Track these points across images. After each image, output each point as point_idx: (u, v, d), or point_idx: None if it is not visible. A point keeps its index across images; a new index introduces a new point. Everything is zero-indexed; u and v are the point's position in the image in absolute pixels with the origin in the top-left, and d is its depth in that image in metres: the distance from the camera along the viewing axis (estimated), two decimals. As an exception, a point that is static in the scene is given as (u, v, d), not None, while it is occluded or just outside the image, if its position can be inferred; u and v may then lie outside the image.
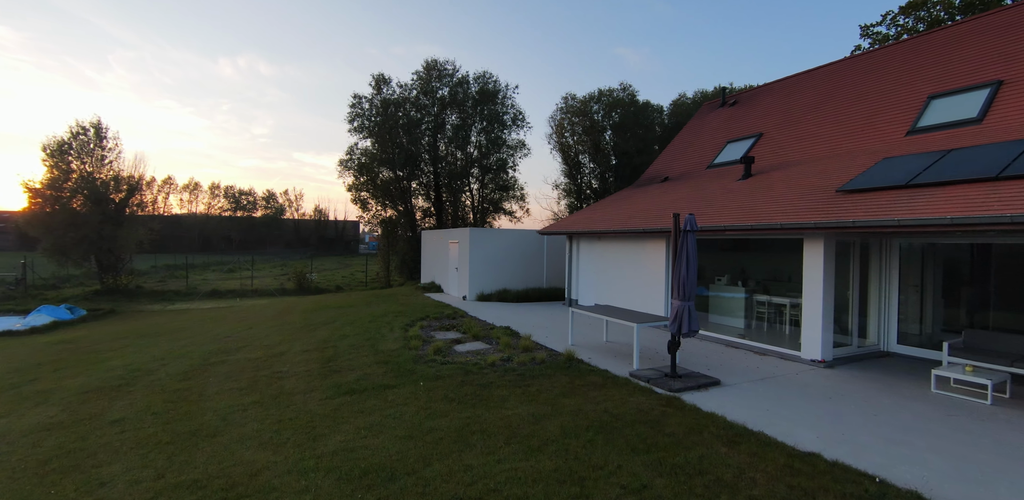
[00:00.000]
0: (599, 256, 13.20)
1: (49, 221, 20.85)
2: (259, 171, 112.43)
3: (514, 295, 15.29)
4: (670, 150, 16.60)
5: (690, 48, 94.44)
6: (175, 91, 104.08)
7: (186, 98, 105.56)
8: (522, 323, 11.32)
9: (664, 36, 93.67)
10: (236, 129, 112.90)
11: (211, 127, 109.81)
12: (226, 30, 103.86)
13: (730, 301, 10.38)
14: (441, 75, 27.68)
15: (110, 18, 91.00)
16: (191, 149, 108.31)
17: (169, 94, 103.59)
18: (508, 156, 29.45)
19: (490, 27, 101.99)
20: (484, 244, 15.79)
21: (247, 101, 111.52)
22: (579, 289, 14.11)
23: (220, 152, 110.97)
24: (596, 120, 31.94)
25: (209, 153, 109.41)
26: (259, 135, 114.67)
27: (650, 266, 11.36)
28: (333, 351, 8.83)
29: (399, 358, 7.98)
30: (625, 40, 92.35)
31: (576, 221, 14.00)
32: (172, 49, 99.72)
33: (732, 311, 10.25)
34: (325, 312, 13.89)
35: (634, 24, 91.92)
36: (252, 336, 11.06)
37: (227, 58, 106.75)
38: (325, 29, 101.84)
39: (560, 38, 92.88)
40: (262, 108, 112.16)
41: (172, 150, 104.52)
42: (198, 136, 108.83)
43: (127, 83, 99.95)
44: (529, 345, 8.58)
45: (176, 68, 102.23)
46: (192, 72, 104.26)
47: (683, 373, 6.98)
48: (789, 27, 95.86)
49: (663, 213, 10.84)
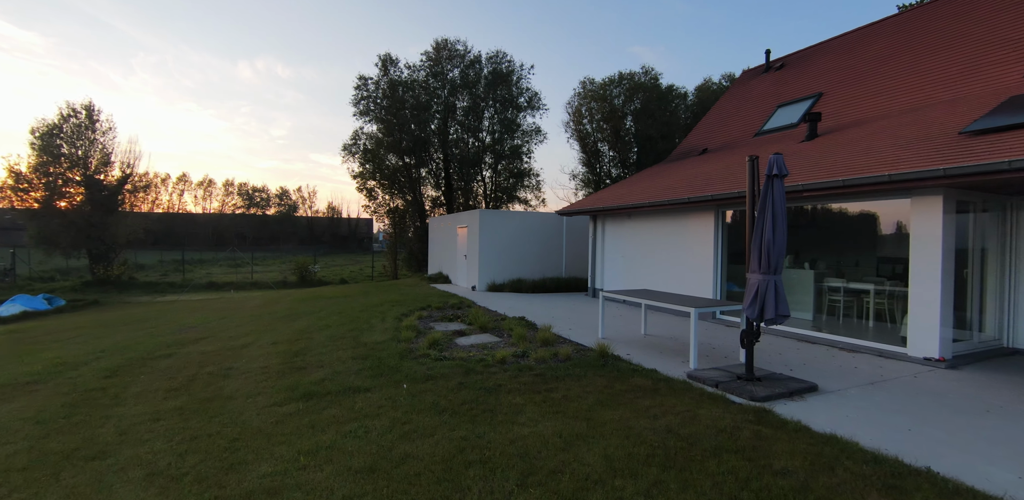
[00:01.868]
0: (629, 238, 11.33)
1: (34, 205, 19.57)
2: (278, 172, 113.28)
3: (529, 285, 13.49)
4: (706, 122, 14.64)
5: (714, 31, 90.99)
6: (196, 94, 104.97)
7: (207, 101, 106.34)
8: (539, 314, 9.53)
9: (685, 21, 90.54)
10: (255, 131, 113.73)
11: (231, 129, 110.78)
12: (243, 33, 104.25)
13: (795, 286, 8.44)
14: (452, 55, 26.00)
15: (133, 23, 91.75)
16: (212, 151, 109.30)
17: (190, 97, 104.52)
18: (523, 142, 27.66)
19: (502, 11, 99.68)
20: (496, 229, 14.02)
21: (265, 103, 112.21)
22: (604, 277, 12.26)
23: (240, 153, 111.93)
24: (616, 105, 29.99)
25: (230, 154, 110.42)
26: (277, 136, 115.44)
27: (694, 246, 9.47)
28: (306, 343, 7.13)
29: (383, 352, 6.24)
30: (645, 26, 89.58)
31: (601, 198, 12.15)
32: (193, 52, 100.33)
33: (798, 299, 8.31)
34: (314, 302, 12.24)
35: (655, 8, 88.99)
36: (220, 326, 9.43)
37: (245, 60, 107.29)
38: (339, 29, 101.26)
39: (576, 20, 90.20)
40: (280, 110, 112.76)
41: (195, 152, 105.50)
42: (219, 138, 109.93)
43: (150, 87, 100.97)
44: (549, 337, 6.77)
45: (197, 71, 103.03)
46: (212, 75, 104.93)
47: (762, 375, 5.11)
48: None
49: (711, 181, 8.95)
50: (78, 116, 21.62)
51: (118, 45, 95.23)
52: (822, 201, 7.58)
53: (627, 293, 6.99)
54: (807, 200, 7.64)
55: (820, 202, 7.70)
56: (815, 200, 7.62)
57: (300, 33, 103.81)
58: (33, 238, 20.32)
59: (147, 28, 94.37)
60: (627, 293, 6.99)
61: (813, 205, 7.91)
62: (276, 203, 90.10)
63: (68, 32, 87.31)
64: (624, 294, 6.91)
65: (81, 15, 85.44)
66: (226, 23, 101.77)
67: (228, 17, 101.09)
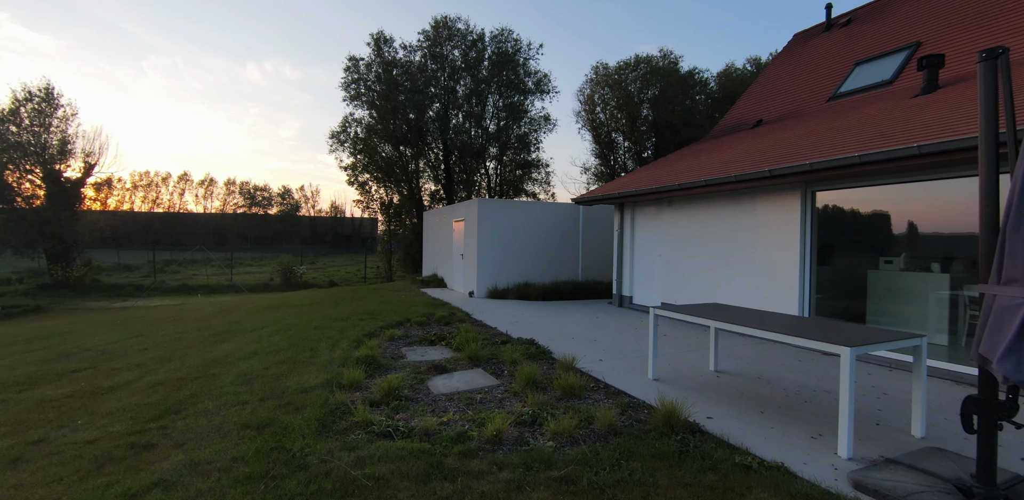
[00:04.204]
0: (668, 231, 8.77)
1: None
2: (286, 173, 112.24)
3: (539, 291, 10.97)
4: (755, 93, 12.04)
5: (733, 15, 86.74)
6: (206, 96, 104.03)
7: (216, 102, 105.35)
8: (553, 332, 7.00)
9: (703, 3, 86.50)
10: (264, 132, 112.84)
11: (241, 130, 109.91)
12: (252, 35, 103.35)
13: (917, 297, 5.83)
14: (452, 35, 23.51)
15: (144, 25, 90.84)
16: (222, 152, 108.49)
17: (200, 99, 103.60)
18: (531, 131, 25.13)
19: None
20: (498, 222, 11.51)
21: (274, 104, 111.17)
22: (634, 282, 9.71)
23: (249, 155, 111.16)
24: (631, 92, 27.43)
25: (239, 156, 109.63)
26: (286, 138, 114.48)
27: (768, 241, 6.90)
28: (198, 388, 4.65)
29: (298, 415, 3.74)
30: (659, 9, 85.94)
31: (630, 181, 9.58)
32: (202, 55, 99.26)
33: (922, 314, 5.70)
34: (272, 312, 9.79)
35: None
36: (120, 350, 6.98)
37: (254, 62, 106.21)
38: (345, 29, 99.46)
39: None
40: (288, 111, 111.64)
41: (205, 153, 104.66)
42: (228, 139, 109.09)
43: (161, 89, 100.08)
44: (574, 383, 4.22)
45: (207, 73, 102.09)
46: (222, 77, 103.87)
47: (1009, 482, 2.56)
48: None
49: (788, 152, 6.38)
50: (34, 100, 19.35)
51: (129, 48, 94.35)
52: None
53: (689, 310, 4.43)
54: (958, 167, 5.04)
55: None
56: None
57: (307, 34, 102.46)
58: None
59: (157, 30, 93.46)
60: (689, 310, 4.43)
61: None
62: (279, 202, 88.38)
63: (80, 35, 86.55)
64: (685, 311, 4.35)
65: (93, 18, 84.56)
66: (234, 25, 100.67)
67: (236, 19, 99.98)
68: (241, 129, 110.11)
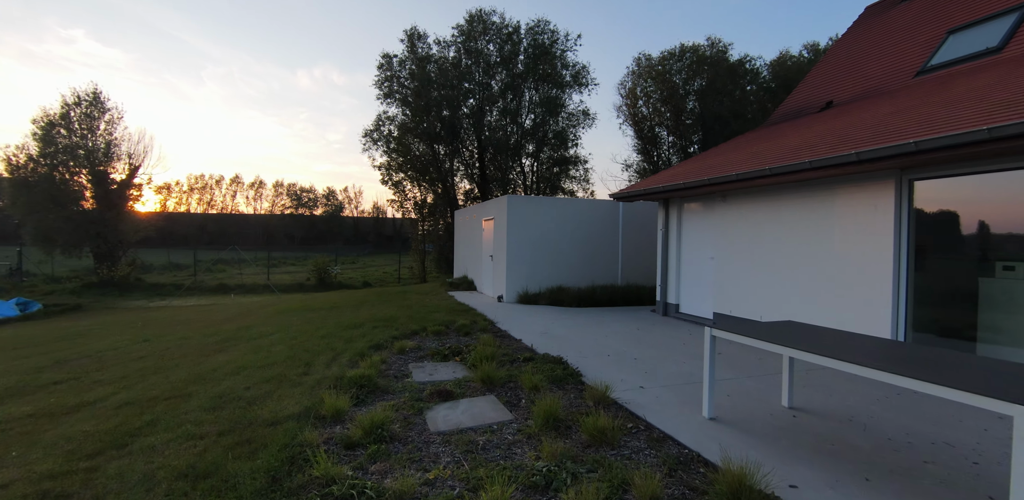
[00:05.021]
0: (722, 230, 7.62)
1: (29, 196, 17.85)
2: (334, 175, 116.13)
3: (573, 296, 9.99)
4: (821, 73, 10.62)
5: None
6: (259, 102, 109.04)
7: (269, 108, 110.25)
8: (586, 346, 6.04)
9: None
10: (313, 136, 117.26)
11: (291, 135, 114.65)
12: (302, 43, 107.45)
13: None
14: (487, 29, 22.76)
15: (203, 37, 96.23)
16: (273, 155, 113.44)
17: (254, 105, 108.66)
18: (568, 126, 24.06)
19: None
20: (529, 221, 10.60)
21: (322, 109, 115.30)
22: (681, 288, 8.59)
23: (299, 158, 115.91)
24: (677, 83, 25.92)
25: (289, 159, 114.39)
26: (333, 141, 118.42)
27: (851, 241, 5.70)
28: (163, 411, 3.98)
29: (249, 465, 2.95)
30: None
31: (676, 173, 8.45)
32: (256, 63, 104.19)
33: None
34: (286, 317, 9.25)
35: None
36: (113, 359, 6.51)
37: (304, 69, 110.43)
38: (386, 32, 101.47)
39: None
40: (336, 115, 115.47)
41: (257, 156, 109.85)
42: (279, 143, 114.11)
43: (218, 97, 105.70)
44: (604, 426, 3.24)
45: (260, 81, 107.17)
46: (274, 83, 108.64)
47: None
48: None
49: (877, 133, 5.17)
50: (81, 106, 19.91)
51: (189, 58, 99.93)
52: None
53: (758, 332, 3.37)
54: None
55: None
56: None
57: (353, 40, 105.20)
58: (30, 235, 18.71)
59: (215, 41, 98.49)
60: (758, 332, 3.37)
61: None
62: (323, 203, 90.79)
63: (146, 48, 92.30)
64: (753, 334, 3.30)
65: (157, 32, 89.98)
66: (285, 34, 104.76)
67: (287, 28, 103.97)
68: (291, 133, 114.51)
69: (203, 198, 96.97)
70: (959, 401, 2.14)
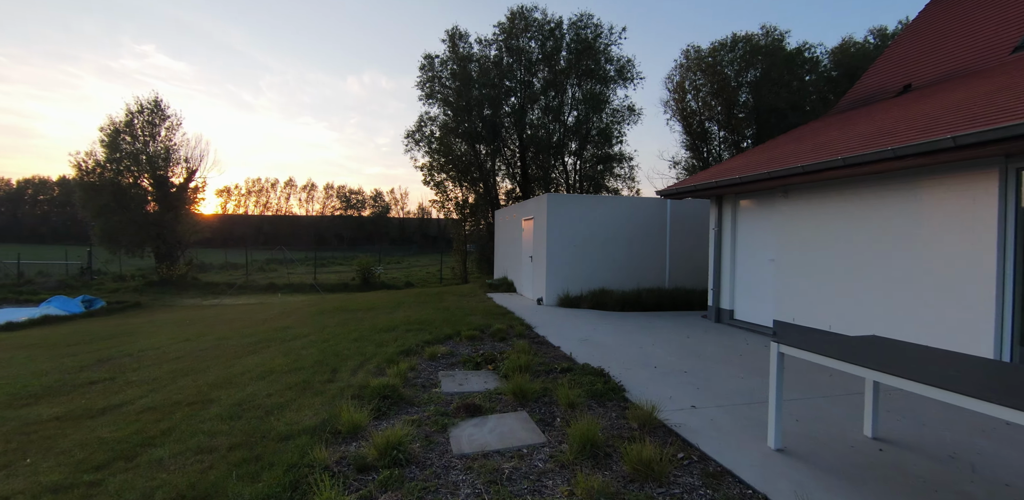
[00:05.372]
0: (784, 228, 6.91)
1: (97, 199, 18.94)
2: (383, 177, 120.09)
3: (616, 299, 9.44)
4: (896, 55, 9.60)
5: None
6: (313, 108, 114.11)
7: (321, 114, 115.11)
8: (631, 357, 5.55)
9: None
10: (362, 140, 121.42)
11: (342, 139, 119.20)
12: (353, 51, 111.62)
13: None
14: (528, 25, 22.38)
15: (261, 48, 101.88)
16: (326, 159, 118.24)
17: (308, 111, 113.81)
18: (613, 122, 23.33)
19: None
20: (570, 219, 10.14)
21: (371, 114, 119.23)
22: (735, 292, 7.90)
23: (349, 161, 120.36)
24: (728, 75, 24.70)
25: (341, 163, 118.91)
26: (381, 144, 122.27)
27: (941, 242, 4.94)
28: (177, 420, 3.83)
29: (250, 489, 2.68)
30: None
31: (731, 167, 7.76)
32: (309, 72, 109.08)
33: None
34: (324, 317, 9.19)
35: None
36: (151, 359, 6.54)
37: (354, 76, 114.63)
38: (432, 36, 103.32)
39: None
40: (384, 119, 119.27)
41: (311, 161, 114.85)
42: (331, 148, 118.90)
43: (275, 104, 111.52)
44: (650, 457, 2.78)
45: (313, 88, 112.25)
46: (326, 90, 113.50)
47: None
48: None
49: (974, 115, 4.41)
50: (144, 112, 20.97)
51: (249, 69, 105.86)
52: None
53: (835, 350, 2.81)
54: None
55: None
56: None
57: (400, 45, 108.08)
58: (97, 236, 19.86)
59: (272, 52, 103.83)
60: (835, 350, 2.81)
61: None
62: (371, 205, 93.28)
63: (209, 60, 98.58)
64: (829, 352, 2.74)
65: (219, 45, 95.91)
66: (337, 43, 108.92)
67: (338, 37, 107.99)
68: (342, 137, 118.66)
69: (259, 200, 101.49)
70: None
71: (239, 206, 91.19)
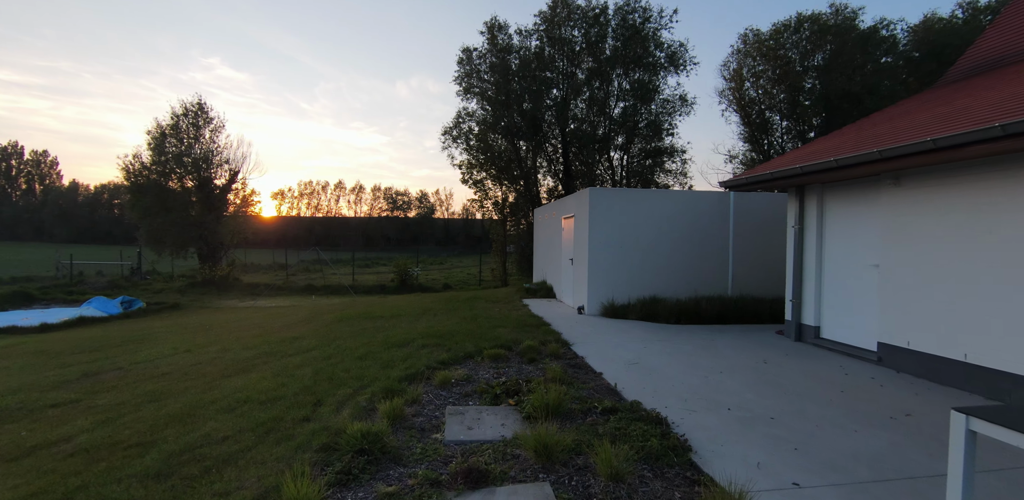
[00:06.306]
0: (893, 225, 5.41)
1: (142, 201, 19.24)
2: (430, 179, 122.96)
3: (670, 309, 8.11)
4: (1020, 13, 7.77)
5: None
6: (363, 114, 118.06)
7: (372, 119, 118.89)
8: (694, 391, 4.29)
9: None
10: (411, 142, 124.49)
11: (391, 142, 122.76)
12: (402, 55, 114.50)
13: None
14: (571, 13, 21.12)
15: (315, 57, 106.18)
16: (376, 162, 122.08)
17: (359, 117, 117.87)
18: (663, 114, 21.68)
19: None
20: (615, 217, 8.88)
21: (419, 117, 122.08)
22: (822, 304, 6.42)
23: (398, 164, 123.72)
24: (792, 59, 22.55)
25: (390, 165, 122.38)
26: (429, 147, 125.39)
27: None
28: (96, 474, 2.94)
29: None
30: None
31: (816, 151, 6.29)
32: (361, 78, 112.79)
33: None
34: (341, 326, 8.36)
35: (826, -28, 71.44)
36: (136, 376, 5.84)
37: (402, 81, 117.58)
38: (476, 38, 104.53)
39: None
40: (430, 122, 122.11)
41: (362, 164, 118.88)
42: (381, 151, 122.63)
43: (329, 111, 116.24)
44: None
45: (364, 94, 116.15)
46: (376, 96, 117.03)
47: None
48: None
49: None
50: (188, 116, 21.21)
51: (304, 77, 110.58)
52: None
53: None
54: None
55: None
56: None
57: (447, 50, 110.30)
58: (143, 238, 20.21)
59: (326, 60, 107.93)
60: None
61: None
62: (416, 206, 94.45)
63: (268, 70, 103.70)
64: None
65: (277, 55, 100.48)
66: (387, 49, 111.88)
67: (388, 44, 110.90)
68: (391, 141, 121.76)
69: (311, 203, 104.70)
70: None
71: (291, 208, 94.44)
